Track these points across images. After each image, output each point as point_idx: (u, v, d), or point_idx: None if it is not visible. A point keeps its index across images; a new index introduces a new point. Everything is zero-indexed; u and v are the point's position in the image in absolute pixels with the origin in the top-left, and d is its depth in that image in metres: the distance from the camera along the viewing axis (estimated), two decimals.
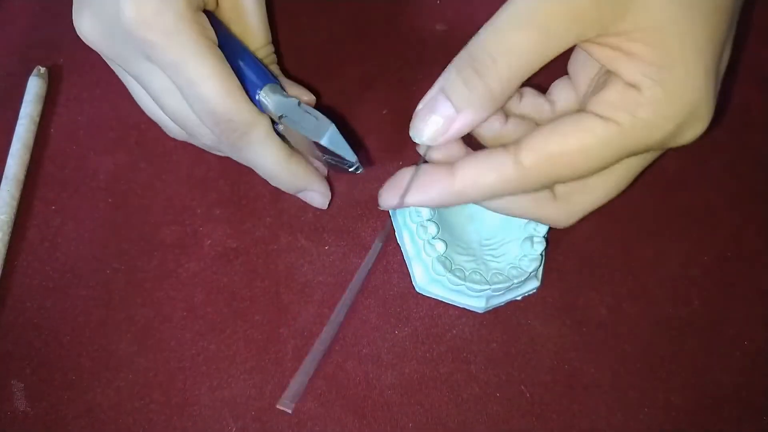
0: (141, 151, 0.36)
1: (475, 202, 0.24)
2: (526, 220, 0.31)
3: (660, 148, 0.24)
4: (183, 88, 0.25)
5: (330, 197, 0.31)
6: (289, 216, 0.34)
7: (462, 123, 0.23)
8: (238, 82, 0.26)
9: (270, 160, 0.28)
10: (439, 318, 0.32)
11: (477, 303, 0.31)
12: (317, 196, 0.31)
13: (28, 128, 0.35)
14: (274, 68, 0.32)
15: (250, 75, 0.27)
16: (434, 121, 0.23)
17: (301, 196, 0.31)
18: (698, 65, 0.22)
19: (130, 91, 0.30)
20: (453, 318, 0.32)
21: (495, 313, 0.32)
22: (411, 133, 0.24)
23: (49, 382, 0.30)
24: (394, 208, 0.25)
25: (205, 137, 0.28)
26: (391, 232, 0.28)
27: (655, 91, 0.21)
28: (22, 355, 0.31)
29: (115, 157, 0.35)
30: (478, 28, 0.27)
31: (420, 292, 0.32)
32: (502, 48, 0.21)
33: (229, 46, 0.27)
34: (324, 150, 0.26)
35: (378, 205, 0.26)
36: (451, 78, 0.23)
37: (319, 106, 0.33)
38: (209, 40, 0.25)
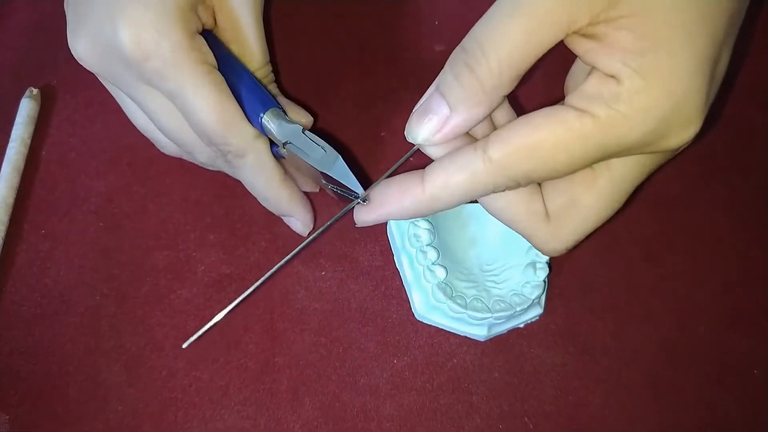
0: (133, 173, 0.35)
1: (452, 207, 0.23)
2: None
3: (644, 152, 0.22)
4: (183, 111, 0.25)
5: (311, 227, 0.31)
6: (284, 241, 0.33)
7: (456, 122, 0.22)
8: (236, 107, 0.26)
9: (262, 183, 0.28)
10: (440, 347, 0.31)
11: (478, 331, 0.30)
12: (299, 224, 0.31)
13: (19, 151, 0.35)
14: (272, 87, 0.31)
15: (252, 98, 0.27)
16: (429, 120, 0.23)
17: (284, 219, 0.31)
18: (687, 54, 0.19)
19: (124, 108, 0.30)
20: (453, 347, 0.31)
21: (497, 341, 0.31)
22: (406, 134, 0.23)
23: (34, 413, 0.29)
24: (370, 224, 0.25)
25: (201, 155, 0.28)
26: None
27: (634, 81, 0.20)
28: (7, 385, 0.30)
29: (107, 180, 0.35)
30: None
31: (419, 319, 0.31)
32: (492, 38, 0.20)
33: (229, 67, 0.27)
34: (330, 180, 0.26)
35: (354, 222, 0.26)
36: (445, 75, 0.22)
37: (315, 129, 0.33)
38: (207, 65, 0.25)
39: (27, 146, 0.35)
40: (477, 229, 0.32)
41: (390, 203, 0.24)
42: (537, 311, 0.31)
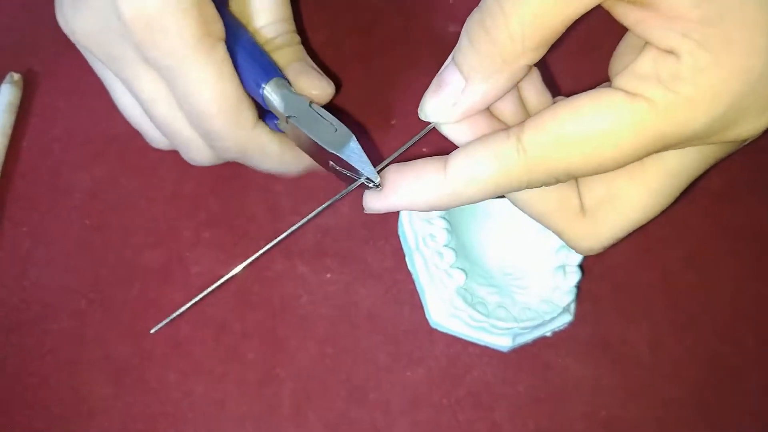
0: (122, 165, 0.32)
1: (475, 202, 0.20)
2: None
3: (708, 142, 0.18)
4: (179, 94, 0.23)
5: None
6: (286, 239, 0.30)
7: (472, 94, 0.19)
8: (241, 93, 0.23)
9: (268, 166, 0.26)
10: (458, 357, 0.28)
11: (502, 341, 0.27)
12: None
13: None
14: (291, 51, 0.27)
15: (251, 66, 0.24)
16: (442, 93, 0.20)
17: None
18: (763, 22, 0.16)
19: (112, 94, 0.27)
20: (473, 357, 0.28)
21: (521, 351, 0.28)
22: (419, 111, 0.21)
23: (12, 430, 0.27)
24: (380, 212, 0.22)
25: (194, 151, 0.25)
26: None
27: (698, 56, 0.16)
28: None
29: (93, 173, 0.32)
30: None
31: (435, 327, 0.28)
32: None
33: (230, 31, 0.23)
34: (340, 162, 0.22)
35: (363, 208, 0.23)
36: (461, 41, 0.19)
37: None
38: (214, 38, 0.22)
39: (7, 136, 0.33)
40: (499, 227, 0.29)
41: (403, 192, 0.21)
42: (566, 319, 0.28)
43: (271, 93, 0.24)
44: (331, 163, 0.23)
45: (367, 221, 0.31)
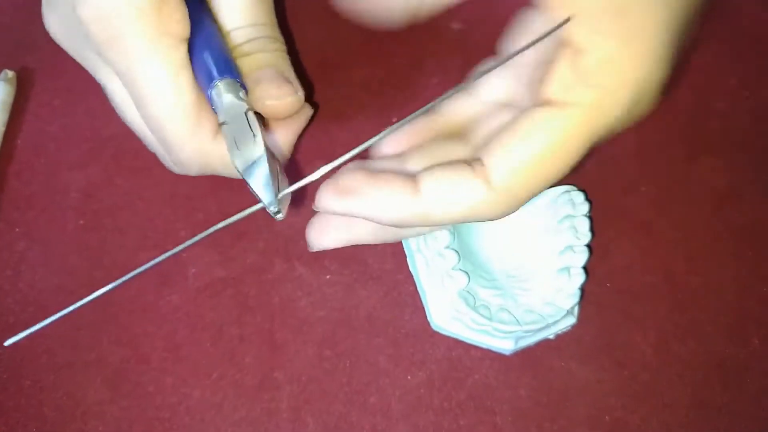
0: (118, 165, 0.32)
1: (435, 225, 0.21)
2: (561, 249, 0.26)
3: (625, 126, 0.21)
4: (136, 100, 0.22)
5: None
6: (285, 240, 0.30)
7: None
8: (200, 98, 0.22)
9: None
10: (459, 361, 0.27)
11: (504, 344, 0.26)
12: None
13: None
14: (264, 57, 0.25)
15: (208, 65, 0.22)
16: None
17: None
18: (658, 12, 0.19)
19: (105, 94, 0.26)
20: (475, 360, 0.27)
21: (523, 354, 0.28)
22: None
23: None
24: (334, 213, 0.21)
25: (166, 161, 0.25)
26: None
27: (605, 48, 0.19)
28: None
29: (89, 173, 0.31)
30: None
31: (437, 330, 0.28)
32: None
33: (197, 28, 0.22)
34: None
35: (313, 205, 0.21)
36: None
37: (320, 115, 0.29)
38: (175, 39, 0.21)
39: (1, 135, 0.32)
40: (501, 229, 0.28)
41: (368, 199, 0.20)
42: (570, 321, 0.27)
43: (217, 95, 0.22)
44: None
45: None
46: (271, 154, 0.21)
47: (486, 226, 0.29)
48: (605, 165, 0.32)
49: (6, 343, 0.22)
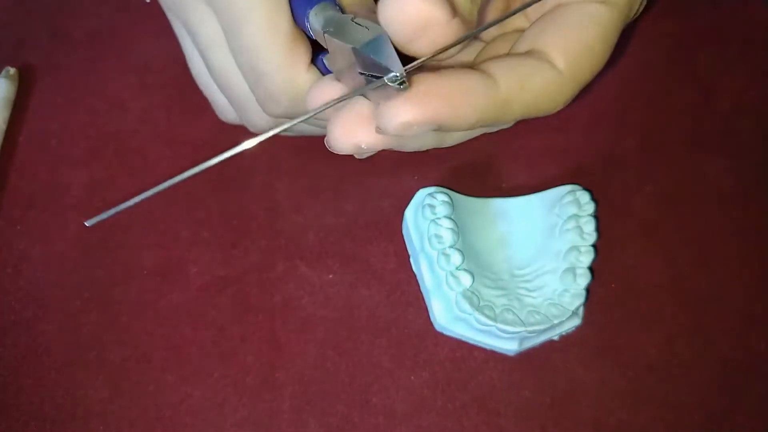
0: (120, 163, 0.31)
1: (512, 121, 0.22)
2: (567, 249, 0.26)
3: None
4: (230, 29, 0.21)
5: None
6: (287, 238, 0.30)
7: None
8: (294, 27, 0.21)
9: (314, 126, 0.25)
10: (463, 362, 0.27)
11: (508, 345, 0.26)
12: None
13: None
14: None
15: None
16: None
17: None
18: None
19: (188, 58, 0.26)
20: (479, 361, 0.27)
21: (528, 355, 0.27)
22: None
23: None
24: (408, 126, 0.18)
25: (250, 111, 0.25)
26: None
27: None
28: None
29: (91, 170, 0.31)
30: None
31: (440, 331, 0.27)
32: None
33: None
34: (364, 61, 0.18)
35: (329, 143, 0.20)
36: None
37: None
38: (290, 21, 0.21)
39: (2, 132, 0.32)
40: (506, 228, 0.28)
41: (446, 96, 0.18)
42: (575, 322, 0.27)
43: (315, 16, 0.21)
44: (359, 71, 0.19)
45: (370, 221, 0.30)
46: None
47: (490, 225, 0.28)
48: (610, 165, 0.31)
49: (87, 223, 0.20)
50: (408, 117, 0.18)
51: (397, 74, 0.17)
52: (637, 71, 0.33)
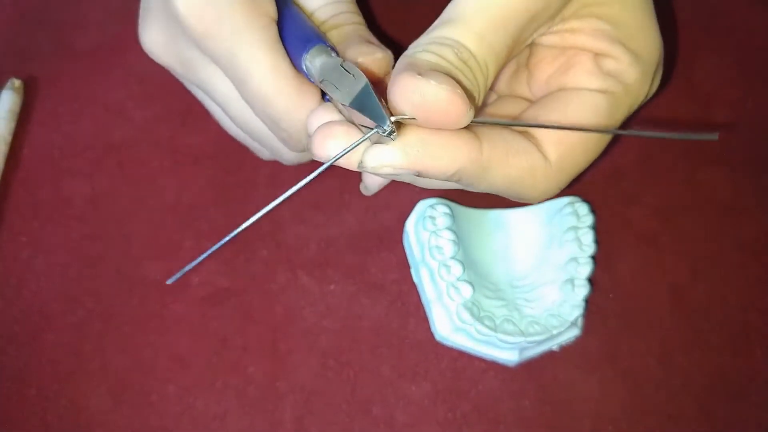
0: (123, 174, 0.32)
1: (483, 186, 0.21)
2: (566, 260, 0.26)
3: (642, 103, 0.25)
4: (239, 83, 0.23)
5: None
6: (288, 249, 0.30)
7: None
8: (297, 71, 0.23)
9: None
10: (463, 371, 0.27)
11: (508, 356, 0.26)
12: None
13: None
14: (347, 30, 0.26)
15: (296, 39, 0.23)
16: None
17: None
18: (650, 21, 0.23)
19: (212, 114, 0.27)
20: (479, 371, 0.27)
21: (527, 365, 0.28)
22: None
23: None
24: (396, 170, 0.19)
25: (281, 150, 0.26)
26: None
27: (626, 54, 0.22)
28: None
29: (94, 182, 0.31)
30: None
31: (440, 341, 0.28)
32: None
33: (279, 8, 0.23)
34: (358, 114, 0.20)
35: (315, 153, 0.20)
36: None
37: None
38: (266, 18, 0.22)
39: (7, 143, 0.32)
40: (506, 239, 0.28)
41: (430, 149, 0.19)
42: (574, 332, 0.27)
43: (311, 61, 0.22)
44: (355, 121, 0.20)
45: (371, 232, 0.30)
46: (373, 88, 0.20)
47: (490, 237, 0.29)
48: (609, 176, 0.32)
49: (169, 281, 0.23)
50: (390, 161, 0.19)
51: (386, 128, 0.18)
52: None
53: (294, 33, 0.23)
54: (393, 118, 0.18)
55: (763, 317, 0.29)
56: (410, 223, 0.28)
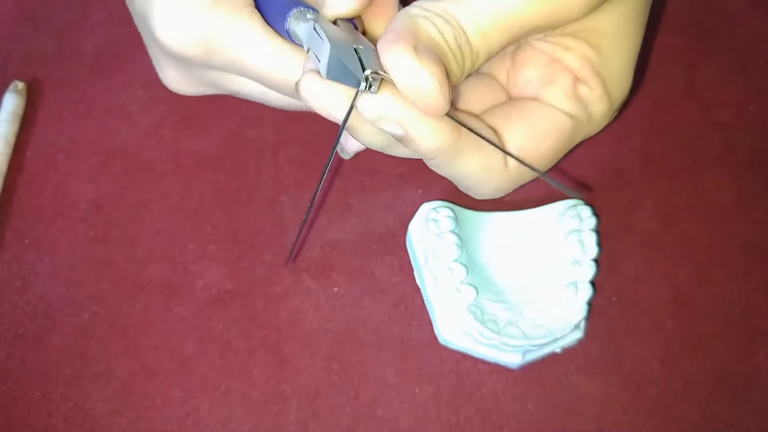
0: (127, 177, 0.32)
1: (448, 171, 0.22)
2: (569, 263, 0.26)
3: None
4: (257, 80, 0.24)
5: None
6: (292, 253, 0.30)
7: None
8: (288, 46, 0.23)
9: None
10: (467, 374, 0.28)
11: (511, 358, 0.26)
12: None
13: (2, 152, 0.32)
14: None
15: (273, 13, 0.23)
16: None
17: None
18: (630, 65, 0.25)
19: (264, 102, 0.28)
20: (482, 374, 0.28)
21: (531, 368, 0.28)
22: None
23: None
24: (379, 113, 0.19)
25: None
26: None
27: (602, 90, 0.24)
28: None
29: (98, 184, 0.32)
30: None
31: (444, 344, 0.28)
32: None
33: None
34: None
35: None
36: None
37: None
38: (246, 8, 0.23)
39: (11, 146, 0.32)
40: (509, 243, 0.28)
41: (419, 126, 0.20)
42: (577, 335, 0.27)
43: (294, 31, 0.23)
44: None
45: (374, 235, 0.30)
46: (348, 45, 0.20)
47: (494, 240, 0.29)
48: (612, 180, 0.32)
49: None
50: (389, 109, 0.19)
51: (359, 81, 0.19)
52: (638, 87, 0.34)
53: (271, 5, 0.23)
54: (367, 73, 0.19)
55: (765, 321, 0.29)
56: (413, 226, 0.29)
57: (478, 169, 0.22)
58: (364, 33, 0.24)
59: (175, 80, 0.26)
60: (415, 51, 0.18)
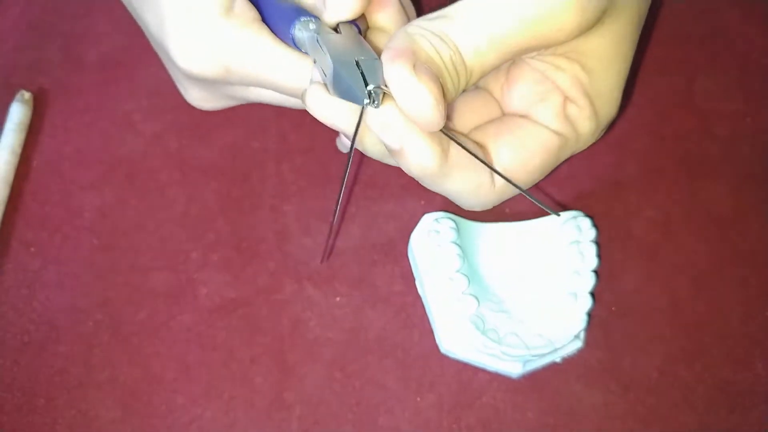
0: (131, 186, 0.32)
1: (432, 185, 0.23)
2: (569, 274, 0.27)
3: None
4: (275, 90, 0.25)
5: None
6: (295, 261, 0.30)
7: None
8: (298, 55, 0.24)
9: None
10: (468, 383, 0.28)
11: (512, 368, 0.27)
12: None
13: (8, 161, 0.32)
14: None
15: (276, 18, 0.24)
16: None
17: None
18: (619, 87, 0.25)
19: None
20: (483, 383, 0.28)
21: (531, 377, 0.28)
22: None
23: None
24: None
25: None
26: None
27: (590, 110, 0.24)
28: None
29: (103, 193, 0.32)
30: None
31: (445, 353, 0.28)
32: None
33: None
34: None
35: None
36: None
37: None
38: (254, 23, 0.24)
39: (17, 155, 0.32)
40: (510, 252, 0.29)
41: (409, 142, 0.20)
42: (577, 345, 0.28)
43: (300, 42, 0.23)
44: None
45: (377, 244, 0.31)
46: (350, 57, 0.20)
47: (494, 250, 0.29)
48: (611, 190, 0.32)
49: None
50: (391, 120, 0.20)
51: (361, 97, 0.20)
52: (637, 98, 0.34)
53: (277, 16, 0.24)
54: (370, 88, 0.19)
55: (763, 330, 0.29)
56: (415, 237, 0.29)
57: (465, 186, 0.23)
58: (367, 29, 0.25)
59: (200, 99, 0.27)
60: (414, 68, 0.19)
